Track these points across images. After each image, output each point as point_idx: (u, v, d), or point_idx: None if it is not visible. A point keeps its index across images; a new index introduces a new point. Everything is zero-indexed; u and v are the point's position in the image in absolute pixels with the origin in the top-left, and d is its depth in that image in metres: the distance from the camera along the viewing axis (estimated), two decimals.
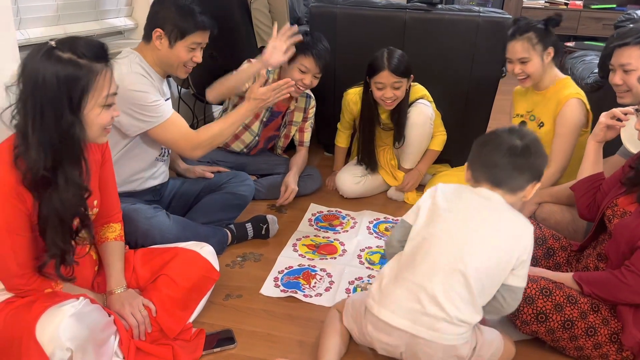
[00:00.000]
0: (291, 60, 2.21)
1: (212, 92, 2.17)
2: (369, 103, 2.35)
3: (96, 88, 1.21)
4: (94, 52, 1.21)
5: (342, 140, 2.61)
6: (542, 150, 1.30)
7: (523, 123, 2.18)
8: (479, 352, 1.32)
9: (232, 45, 2.65)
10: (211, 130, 1.80)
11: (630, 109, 1.58)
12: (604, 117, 1.63)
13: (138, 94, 1.65)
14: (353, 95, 2.44)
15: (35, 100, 1.15)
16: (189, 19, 1.72)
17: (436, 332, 1.24)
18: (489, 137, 1.33)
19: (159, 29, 1.71)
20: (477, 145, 1.34)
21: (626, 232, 1.38)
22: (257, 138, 2.43)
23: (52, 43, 1.19)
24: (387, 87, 2.22)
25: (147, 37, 1.75)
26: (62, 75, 1.15)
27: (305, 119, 2.50)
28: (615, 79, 1.74)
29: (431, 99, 2.43)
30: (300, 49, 2.19)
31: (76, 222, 1.30)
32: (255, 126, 2.40)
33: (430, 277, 1.25)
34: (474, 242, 1.25)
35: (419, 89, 2.40)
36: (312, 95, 2.49)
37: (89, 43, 1.22)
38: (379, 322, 1.29)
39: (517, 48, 2.00)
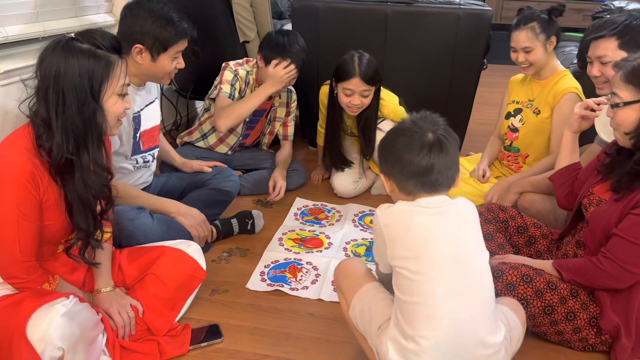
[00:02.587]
0: (268, 62, 2.20)
1: (227, 109, 2.19)
2: (334, 107, 2.29)
3: (114, 77, 1.27)
4: (111, 43, 1.27)
5: (323, 139, 2.55)
6: (453, 135, 1.20)
7: (518, 110, 2.21)
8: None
9: (214, 41, 2.64)
10: (131, 192, 1.79)
11: (603, 99, 1.61)
12: (578, 108, 1.66)
13: None
14: (325, 96, 2.37)
15: (58, 89, 1.21)
16: (169, 29, 1.66)
17: None
18: (401, 141, 1.18)
19: (138, 45, 1.65)
20: (391, 153, 1.20)
21: (602, 220, 1.41)
22: (240, 139, 2.43)
23: (71, 35, 1.25)
24: (356, 94, 2.16)
25: (124, 50, 1.70)
26: (84, 65, 1.22)
27: (288, 113, 2.50)
28: (593, 71, 1.77)
29: (404, 114, 2.33)
30: (277, 51, 2.18)
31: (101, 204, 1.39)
32: (240, 128, 2.40)
33: (450, 316, 1.12)
34: (464, 257, 1.15)
35: (387, 105, 2.30)
36: (293, 89, 2.50)
37: (104, 35, 1.28)
38: None
39: (521, 37, 2.03)
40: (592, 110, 1.63)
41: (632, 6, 2.38)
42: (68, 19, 2.22)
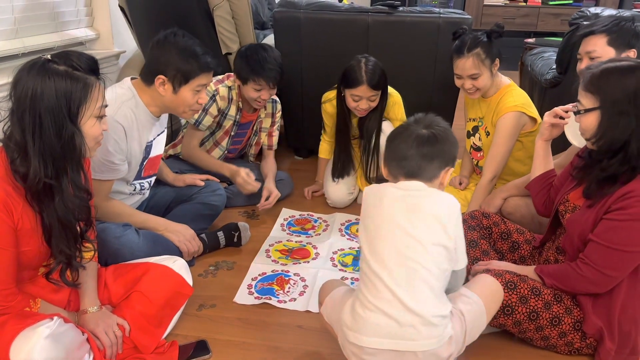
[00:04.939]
0: (245, 81, 2.21)
1: (190, 157, 2.35)
2: (344, 112, 2.32)
3: (91, 99, 1.25)
4: (88, 65, 1.25)
5: (325, 151, 2.53)
6: (449, 136, 1.31)
7: (476, 129, 2.24)
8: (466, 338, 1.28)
9: None
10: (119, 209, 1.78)
11: (569, 106, 1.64)
12: (547, 117, 1.69)
13: (103, 146, 1.56)
14: (332, 108, 2.37)
15: (34, 112, 1.18)
16: (192, 61, 1.68)
17: (418, 341, 1.19)
18: (398, 130, 1.35)
19: (161, 76, 1.67)
20: (388, 140, 1.35)
21: (577, 226, 1.43)
22: (225, 152, 2.43)
23: (47, 57, 1.22)
24: (364, 99, 2.19)
25: (148, 80, 1.70)
26: (61, 87, 1.19)
27: (273, 123, 2.51)
28: (582, 66, 1.81)
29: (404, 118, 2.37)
30: (253, 70, 2.18)
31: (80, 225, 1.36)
32: (225, 142, 2.40)
33: (391, 287, 1.20)
34: (414, 237, 1.22)
35: (396, 105, 2.35)
36: (278, 99, 2.50)
37: (81, 56, 1.26)
38: (361, 348, 1.23)
39: (468, 65, 2.03)
40: (562, 117, 1.66)
41: (607, 12, 2.44)
42: (48, 34, 2.22)
